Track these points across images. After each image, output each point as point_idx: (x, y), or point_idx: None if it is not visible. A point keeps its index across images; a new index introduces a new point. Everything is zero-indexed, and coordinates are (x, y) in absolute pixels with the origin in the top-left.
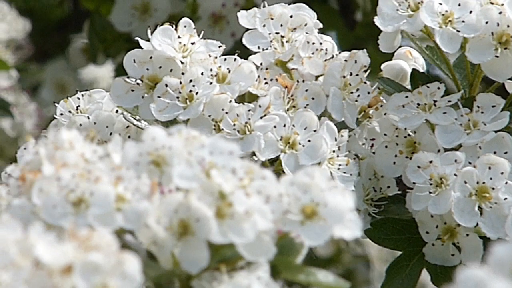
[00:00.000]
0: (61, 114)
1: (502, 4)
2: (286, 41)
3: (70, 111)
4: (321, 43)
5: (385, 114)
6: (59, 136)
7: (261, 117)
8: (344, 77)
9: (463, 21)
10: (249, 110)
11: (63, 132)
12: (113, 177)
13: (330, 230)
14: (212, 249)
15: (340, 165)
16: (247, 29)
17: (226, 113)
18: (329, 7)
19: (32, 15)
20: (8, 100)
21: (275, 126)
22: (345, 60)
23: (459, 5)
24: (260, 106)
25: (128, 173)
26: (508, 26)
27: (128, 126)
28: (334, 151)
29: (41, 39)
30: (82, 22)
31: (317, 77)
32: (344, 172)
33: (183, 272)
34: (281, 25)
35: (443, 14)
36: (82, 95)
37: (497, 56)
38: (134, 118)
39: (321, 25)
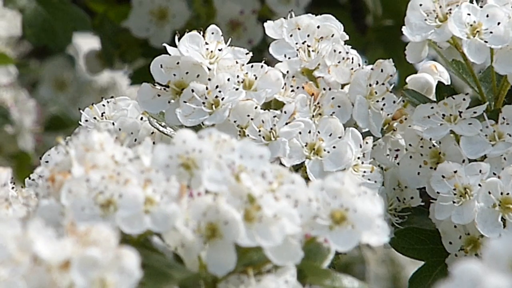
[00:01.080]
0: (86, 120)
1: None
2: (312, 51)
3: (95, 118)
4: (347, 52)
5: (409, 126)
6: (90, 137)
7: (286, 123)
8: (370, 85)
9: (491, 32)
10: (274, 117)
11: (94, 134)
12: (142, 180)
13: (359, 236)
14: (239, 252)
15: (364, 172)
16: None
17: (252, 119)
18: (340, 12)
19: None
20: (6, 103)
21: (300, 133)
22: (372, 69)
23: (487, 16)
24: (285, 112)
25: (157, 176)
26: None
27: (152, 133)
28: (358, 158)
29: None
30: None
31: (343, 86)
32: (369, 179)
33: (209, 275)
34: (308, 35)
35: (471, 25)
36: (108, 102)
37: None
38: (160, 124)
39: (347, 37)
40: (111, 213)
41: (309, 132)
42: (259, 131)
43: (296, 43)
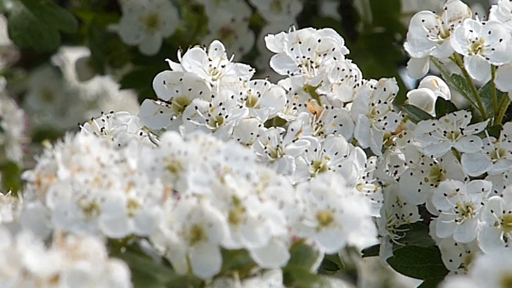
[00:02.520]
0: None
1: None
2: (316, 67)
3: (94, 133)
4: (350, 70)
5: (408, 141)
6: (76, 140)
7: (292, 141)
8: (372, 104)
9: (492, 49)
10: (280, 134)
11: (80, 137)
12: (126, 183)
13: (346, 236)
14: (225, 256)
15: (368, 191)
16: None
17: (257, 136)
18: (330, 19)
19: None
20: None
21: (306, 150)
22: (374, 88)
23: (489, 32)
24: (292, 130)
25: (141, 179)
26: None
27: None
28: (363, 178)
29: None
30: None
31: (345, 104)
32: (372, 199)
33: (197, 278)
34: (309, 49)
35: (473, 42)
36: (107, 117)
37: None
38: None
39: (348, 51)
40: (94, 217)
41: (315, 150)
42: (265, 148)
43: (297, 57)
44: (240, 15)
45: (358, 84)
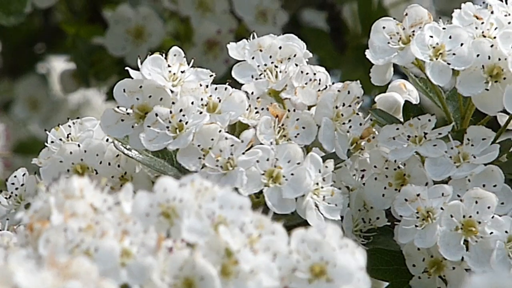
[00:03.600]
0: (52, 142)
1: (494, 37)
2: (279, 72)
3: (61, 139)
4: (314, 73)
5: (376, 145)
6: (70, 184)
7: (244, 152)
8: (336, 107)
9: (454, 54)
10: (232, 145)
11: (74, 180)
12: (120, 231)
13: None
14: None
15: (325, 196)
16: None
17: (214, 140)
18: (319, 30)
19: (0, 30)
20: None
21: (258, 161)
22: (338, 91)
23: (450, 37)
24: (242, 141)
25: (135, 227)
26: (499, 59)
27: (118, 155)
28: (317, 184)
29: (11, 54)
30: (52, 38)
31: (309, 107)
32: (329, 203)
33: None
34: (270, 56)
35: (434, 47)
36: (74, 123)
37: (487, 89)
38: (125, 147)
39: (310, 55)
40: None
41: (267, 159)
42: (217, 160)
43: (258, 66)
44: (226, 26)
45: (326, 87)
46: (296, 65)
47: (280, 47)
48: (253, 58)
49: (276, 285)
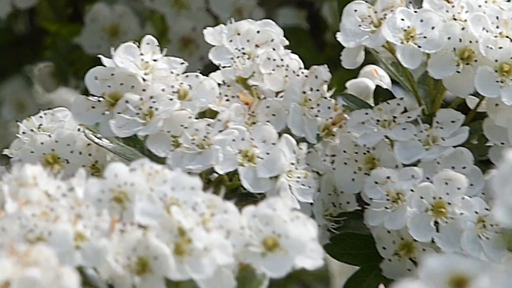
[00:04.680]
0: (23, 132)
1: (465, 20)
2: (248, 58)
3: (32, 130)
4: (282, 59)
5: (348, 132)
6: (23, 172)
7: (220, 131)
8: (304, 92)
9: (425, 37)
10: (208, 125)
11: (27, 168)
12: (73, 215)
13: (292, 261)
14: (172, 285)
15: (298, 177)
16: None
17: (186, 128)
18: (298, 28)
19: None
20: None
21: (233, 140)
22: (306, 76)
23: (421, 21)
24: (219, 120)
25: (88, 211)
26: (470, 42)
27: (89, 144)
28: (292, 164)
29: None
30: (38, 39)
31: (278, 94)
32: (303, 185)
33: None
34: (248, 41)
35: (405, 30)
36: (45, 114)
37: (458, 72)
38: (95, 136)
39: (287, 42)
40: None
41: (243, 139)
42: (193, 139)
43: (236, 49)
44: (201, 24)
45: (297, 75)
46: (274, 49)
47: (258, 32)
48: (230, 41)
49: (231, 262)
